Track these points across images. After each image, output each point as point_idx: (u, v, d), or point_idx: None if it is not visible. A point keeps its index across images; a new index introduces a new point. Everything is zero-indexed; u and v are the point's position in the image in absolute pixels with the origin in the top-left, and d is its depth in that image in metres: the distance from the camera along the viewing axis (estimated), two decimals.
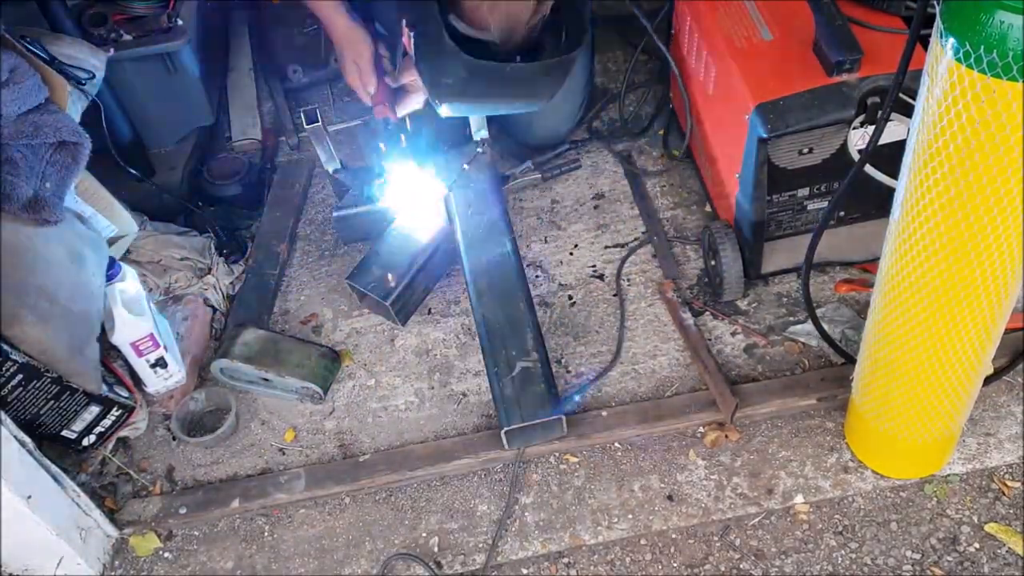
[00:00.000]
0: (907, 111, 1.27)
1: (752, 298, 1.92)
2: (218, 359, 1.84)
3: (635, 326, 1.91)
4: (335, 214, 2.07)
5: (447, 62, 1.58)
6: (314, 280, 2.10)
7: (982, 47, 1.00)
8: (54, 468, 1.56)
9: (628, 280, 1.99)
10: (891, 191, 1.29)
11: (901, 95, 1.34)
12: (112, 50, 1.98)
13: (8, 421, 1.48)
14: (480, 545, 1.62)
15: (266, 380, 1.84)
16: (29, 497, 1.47)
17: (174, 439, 1.82)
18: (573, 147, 2.25)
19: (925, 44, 1.13)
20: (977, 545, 1.54)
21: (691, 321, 1.87)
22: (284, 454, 1.79)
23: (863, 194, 1.63)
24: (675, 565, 1.57)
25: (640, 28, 2.11)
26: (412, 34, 1.67)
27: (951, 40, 1.03)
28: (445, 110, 1.74)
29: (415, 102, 1.90)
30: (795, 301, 1.91)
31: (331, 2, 1.83)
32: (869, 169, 1.54)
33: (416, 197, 2.00)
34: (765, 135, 1.59)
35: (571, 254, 2.07)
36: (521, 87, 1.70)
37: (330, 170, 2.03)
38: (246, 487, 1.72)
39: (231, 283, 2.05)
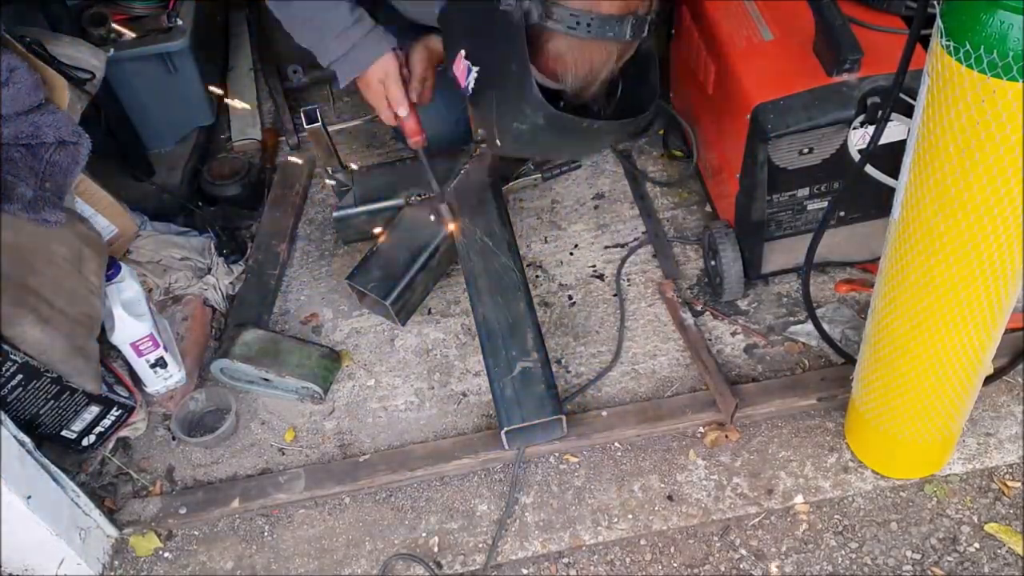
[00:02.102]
0: (907, 111, 1.27)
1: (752, 298, 1.92)
2: (218, 359, 1.84)
3: (635, 326, 1.91)
4: (335, 214, 2.07)
5: (526, 108, 1.53)
6: (314, 280, 2.10)
7: (982, 47, 1.00)
8: (54, 468, 1.56)
9: (628, 280, 1.99)
10: (891, 191, 1.29)
11: (901, 95, 1.34)
12: (112, 50, 1.98)
13: (8, 421, 1.48)
14: (480, 545, 1.62)
15: (266, 380, 1.84)
16: (29, 497, 1.47)
17: (174, 439, 1.82)
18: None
19: (925, 44, 1.13)
20: (977, 545, 1.54)
21: (691, 321, 1.87)
22: (284, 454, 1.79)
23: (863, 194, 1.63)
24: (675, 565, 1.57)
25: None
26: (474, 70, 1.58)
27: (951, 40, 1.03)
28: (503, 149, 1.70)
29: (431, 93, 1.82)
30: (795, 301, 1.91)
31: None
32: (869, 169, 1.54)
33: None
34: (765, 135, 1.59)
35: (571, 254, 2.07)
36: (589, 140, 1.72)
37: (329, 171, 2.02)
38: (246, 487, 1.72)
39: (231, 283, 2.05)
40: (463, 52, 1.60)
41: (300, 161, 2.29)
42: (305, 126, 1.90)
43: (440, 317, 1.98)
